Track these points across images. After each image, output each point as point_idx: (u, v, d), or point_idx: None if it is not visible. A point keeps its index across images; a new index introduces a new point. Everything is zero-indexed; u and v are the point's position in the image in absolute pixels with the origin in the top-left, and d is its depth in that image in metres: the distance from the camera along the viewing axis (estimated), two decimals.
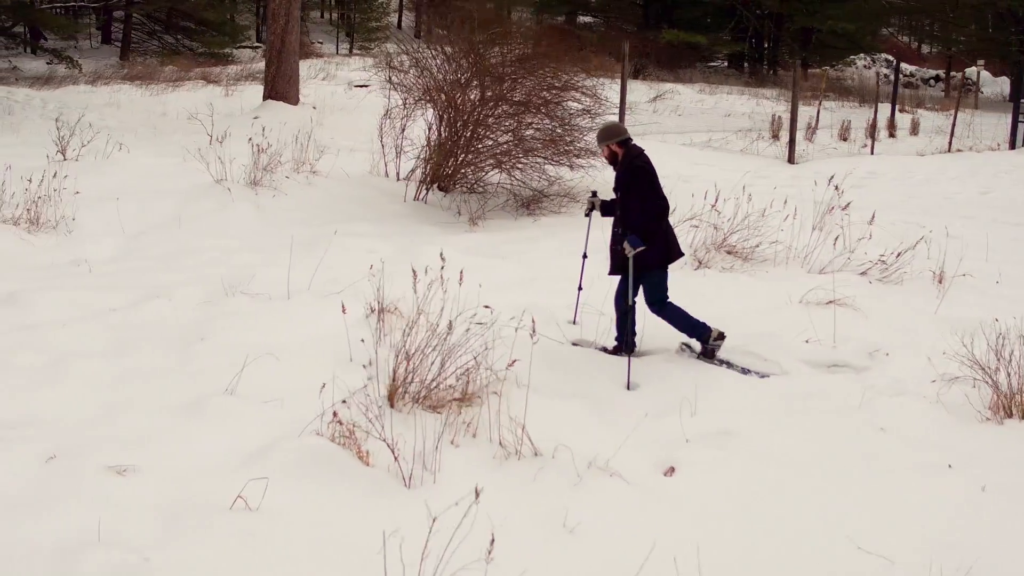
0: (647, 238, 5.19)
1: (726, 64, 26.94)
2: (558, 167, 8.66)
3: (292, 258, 6.87)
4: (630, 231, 5.17)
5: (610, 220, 5.51)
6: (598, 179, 8.94)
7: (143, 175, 9.32)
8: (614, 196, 5.49)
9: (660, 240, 5.37)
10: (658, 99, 11.61)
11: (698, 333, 5.38)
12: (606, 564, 3.38)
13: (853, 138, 14.03)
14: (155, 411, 4.32)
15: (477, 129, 8.31)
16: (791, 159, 11.89)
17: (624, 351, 5.34)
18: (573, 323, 5.78)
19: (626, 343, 5.37)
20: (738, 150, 12.27)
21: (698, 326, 5.38)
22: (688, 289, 6.32)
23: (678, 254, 5.52)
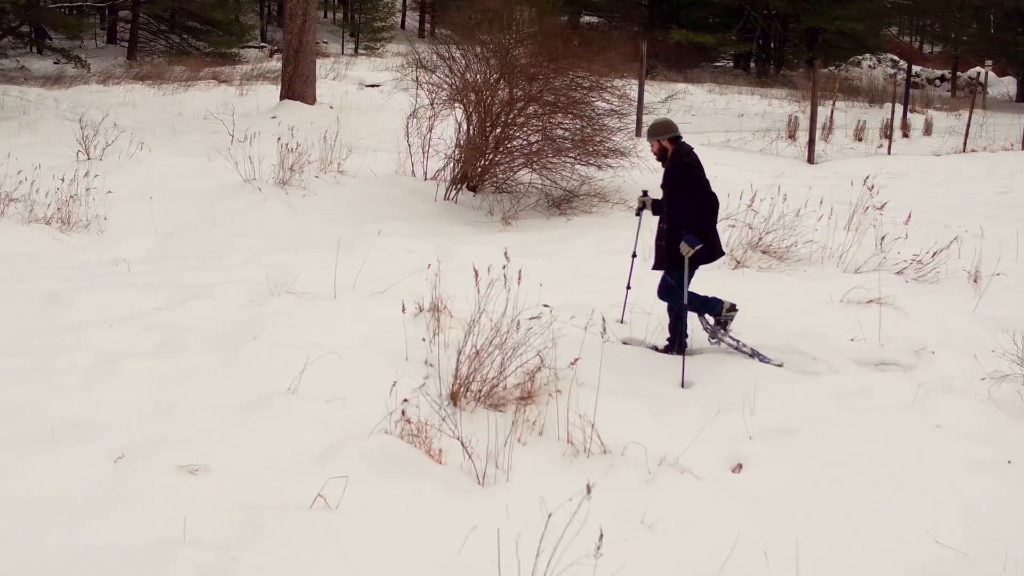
0: (702, 236, 5.22)
1: (732, 64, 27.00)
2: (586, 167, 8.67)
3: (333, 257, 6.88)
4: (684, 230, 5.19)
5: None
6: (627, 179, 8.97)
7: (169, 174, 9.33)
8: (662, 194, 5.52)
9: (707, 240, 5.42)
10: (670, 99, 11.63)
11: (710, 307, 5.39)
12: (689, 559, 3.40)
13: (868, 138, 14.08)
14: (218, 410, 4.32)
15: (507, 129, 8.32)
16: (810, 159, 11.93)
17: (676, 350, 5.36)
18: (621, 322, 5.80)
19: (679, 342, 5.38)
20: (757, 150, 12.30)
21: (709, 300, 5.40)
22: (728, 288, 6.34)
23: (720, 253, 5.56)
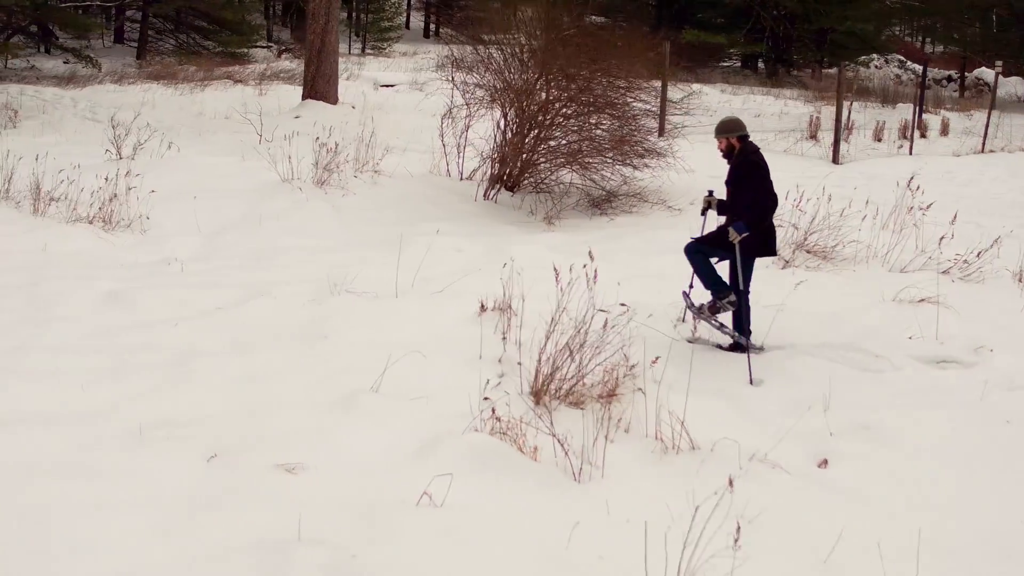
0: (753, 227, 5.30)
1: (739, 64, 27.09)
2: (623, 167, 8.70)
3: (383, 256, 6.91)
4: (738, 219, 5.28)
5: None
6: (664, 180, 9.01)
7: (205, 174, 9.32)
8: (726, 191, 5.60)
9: (755, 234, 5.50)
10: (684, 100, 11.66)
11: (717, 288, 5.47)
12: (793, 551, 3.44)
13: (887, 139, 14.16)
14: (304, 409, 4.34)
15: (547, 130, 8.35)
16: (835, 159, 12.00)
17: (742, 347, 5.41)
18: (682, 321, 5.84)
19: (743, 340, 5.43)
20: (781, 151, 12.35)
21: (720, 282, 5.49)
22: (782, 288, 6.40)
23: (772, 251, 5.64)
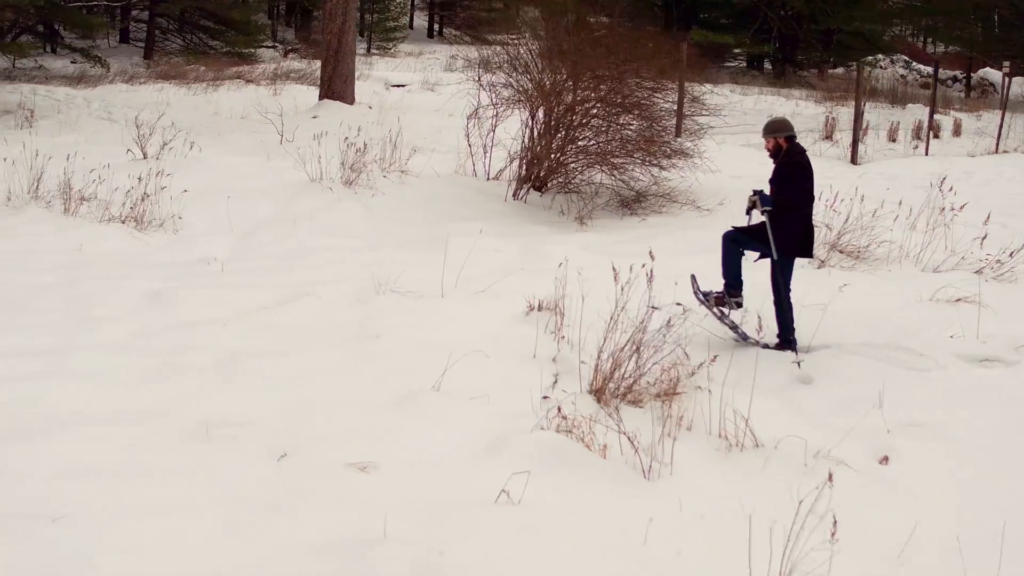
0: (776, 210, 5.47)
1: (745, 64, 27.15)
2: (650, 168, 8.74)
3: (420, 256, 6.94)
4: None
5: None
6: (692, 181, 9.05)
7: (231, 173, 9.33)
8: (769, 189, 5.68)
9: (798, 232, 5.59)
10: (702, 100, 11.69)
11: (731, 280, 5.58)
12: (868, 546, 3.48)
13: (901, 139, 14.23)
14: (366, 408, 4.36)
15: (576, 130, 8.38)
16: (854, 160, 12.05)
17: (789, 346, 5.46)
18: (725, 321, 5.87)
19: (789, 339, 5.48)
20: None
21: (737, 278, 5.61)
22: (820, 287, 6.44)
23: (807, 253, 5.70)
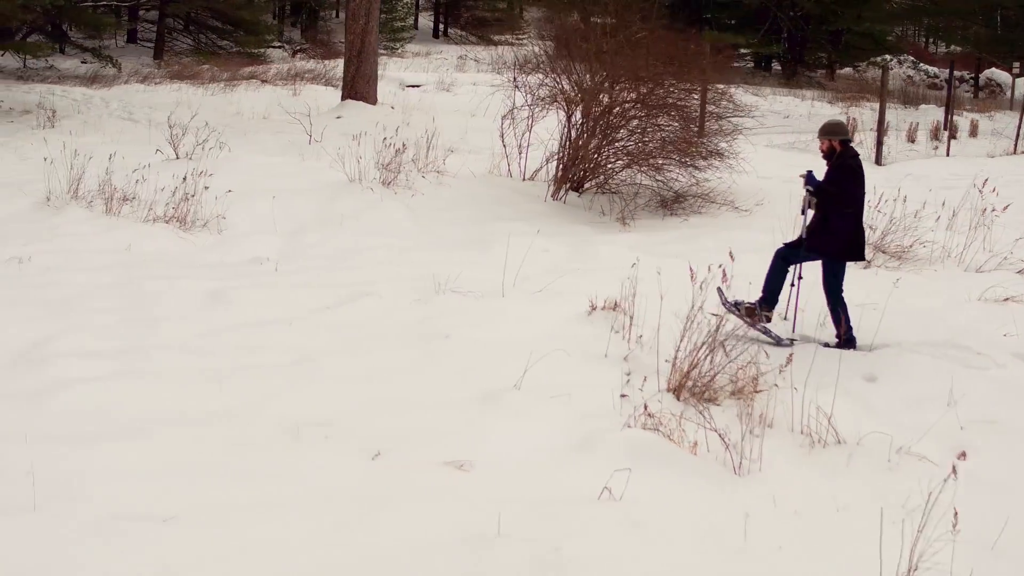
0: (820, 199, 5.59)
1: (752, 65, 27.25)
2: (690, 168, 8.81)
3: (470, 256, 6.99)
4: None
5: None
6: (729, 182, 9.11)
7: (266, 174, 9.35)
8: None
9: (848, 235, 5.65)
10: (730, 101, 11.77)
11: (768, 294, 5.65)
12: (963, 540, 3.54)
13: (919, 140, 14.33)
14: (451, 407, 4.39)
15: (614, 131, 8.45)
16: (878, 161, 12.14)
17: (848, 344, 5.53)
18: (784, 319, 5.93)
19: (848, 337, 5.55)
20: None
21: (775, 295, 5.67)
22: (868, 287, 6.50)
23: (859, 256, 5.78)
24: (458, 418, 4.28)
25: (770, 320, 5.71)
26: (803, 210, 5.84)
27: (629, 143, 8.62)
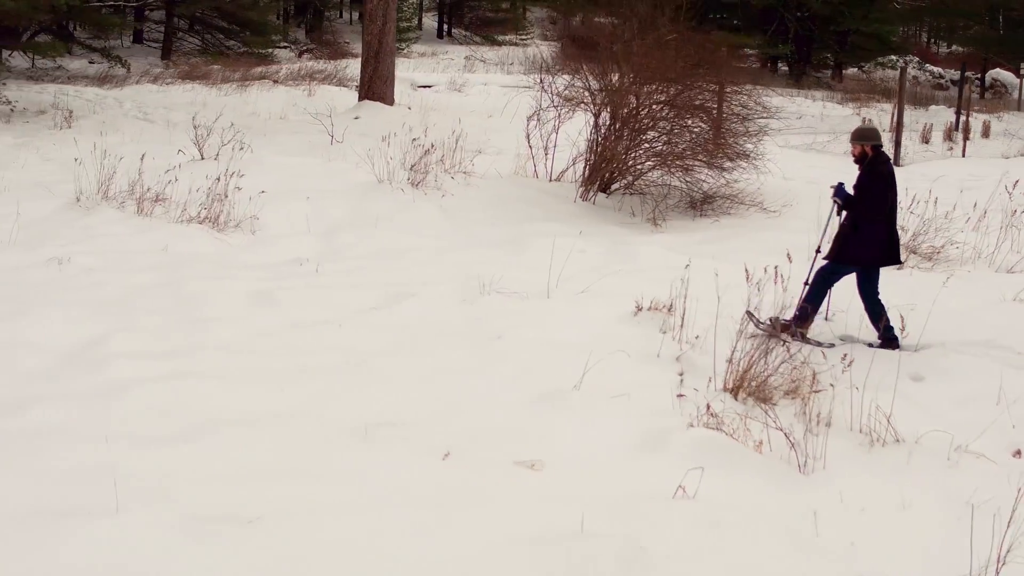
0: (849, 204, 5.69)
1: (758, 66, 27.30)
2: (717, 170, 8.87)
3: (507, 257, 7.04)
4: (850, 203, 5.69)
5: None
6: (755, 183, 9.17)
7: (295, 174, 9.38)
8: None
9: (882, 240, 5.72)
10: (757, 103, 11.80)
11: (809, 308, 5.65)
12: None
13: (933, 140, 14.42)
14: (509, 407, 4.44)
15: (646, 132, 8.50)
16: (896, 162, 12.21)
17: (890, 343, 5.60)
18: (826, 319, 6.00)
19: (889, 337, 5.62)
20: (842, 153, 12.55)
21: (815, 311, 5.69)
22: (904, 288, 6.56)
23: (894, 260, 5.88)
24: (522, 418, 4.33)
25: (805, 336, 5.69)
26: (828, 219, 5.90)
27: (657, 144, 8.68)
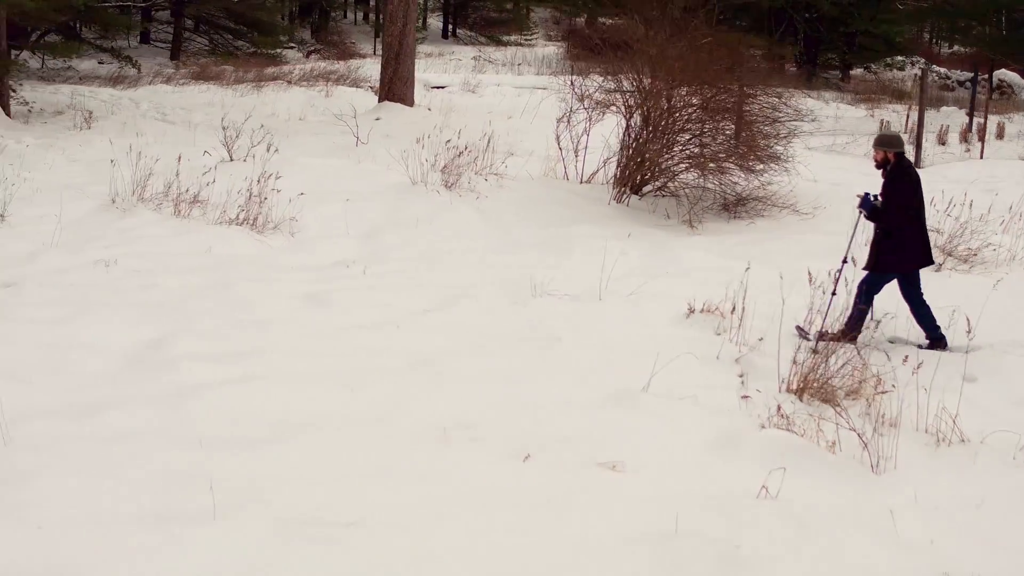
0: (876, 216, 5.79)
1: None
2: (749, 172, 8.95)
3: (551, 259, 7.10)
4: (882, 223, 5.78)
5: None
6: (790, 185, 9.24)
7: (325, 176, 9.42)
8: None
9: (915, 247, 5.90)
10: (788, 104, 11.87)
11: (859, 321, 5.80)
12: None
13: (949, 142, 14.51)
14: (583, 408, 4.50)
15: (680, 134, 8.58)
16: (917, 164, 12.29)
17: (937, 343, 5.70)
18: (872, 319, 6.07)
19: (937, 337, 5.72)
20: (862, 154, 12.64)
21: (861, 323, 5.81)
22: (946, 291, 6.64)
23: (928, 260, 6.00)
24: (595, 419, 4.39)
25: (855, 340, 5.76)
26: (855, 228, 5.98)
27: (690, 146, 8.76)
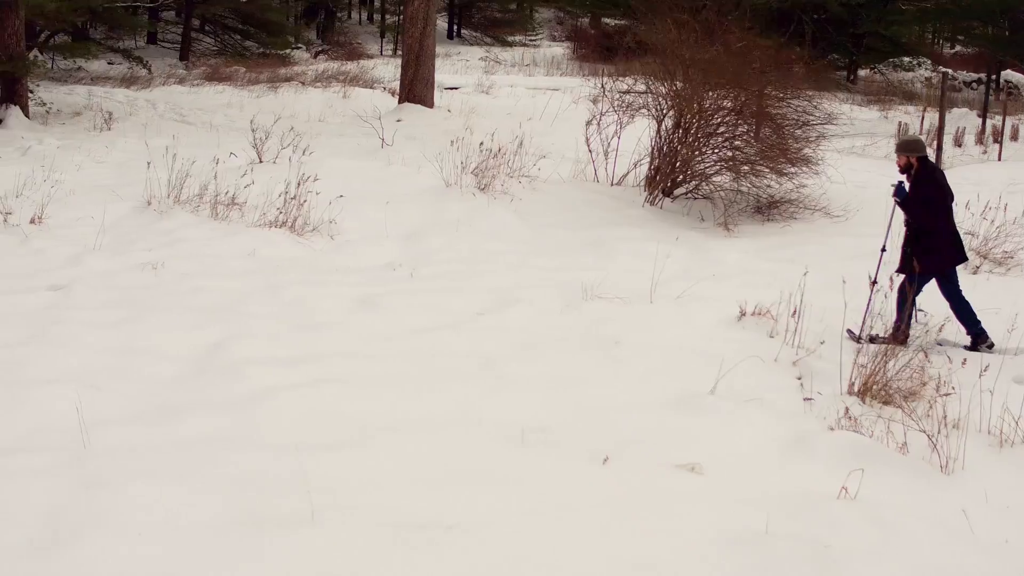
0: (907, 205, 5.89)
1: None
2: (781, 175, 9.03)
3: (596, 261, 7.17)
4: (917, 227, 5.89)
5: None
6: (821, 188, 9.33)
7: (357, 178, 9.46)
8: None
9: (947, 247, 5.98)
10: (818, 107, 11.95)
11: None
12: None
13: (966, 144, 14.61)
14: (651, 410, 4.58)
15: (714, 137, 8.67)
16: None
17: (979, 338, 5.80)
18: (915, 322, 6.16)
19: (979, 336, 5.82)
20: (882, 156, 12.75)
21: (909, 312, 5.88)
22: (985, 294, 6.72)
23: (962, 258, 6.12)
24: (666, 422, 4.47)
25: (905, 342, 5.86)
26: (891, 218, 6.08)
27: (723, 148, 8.84)
